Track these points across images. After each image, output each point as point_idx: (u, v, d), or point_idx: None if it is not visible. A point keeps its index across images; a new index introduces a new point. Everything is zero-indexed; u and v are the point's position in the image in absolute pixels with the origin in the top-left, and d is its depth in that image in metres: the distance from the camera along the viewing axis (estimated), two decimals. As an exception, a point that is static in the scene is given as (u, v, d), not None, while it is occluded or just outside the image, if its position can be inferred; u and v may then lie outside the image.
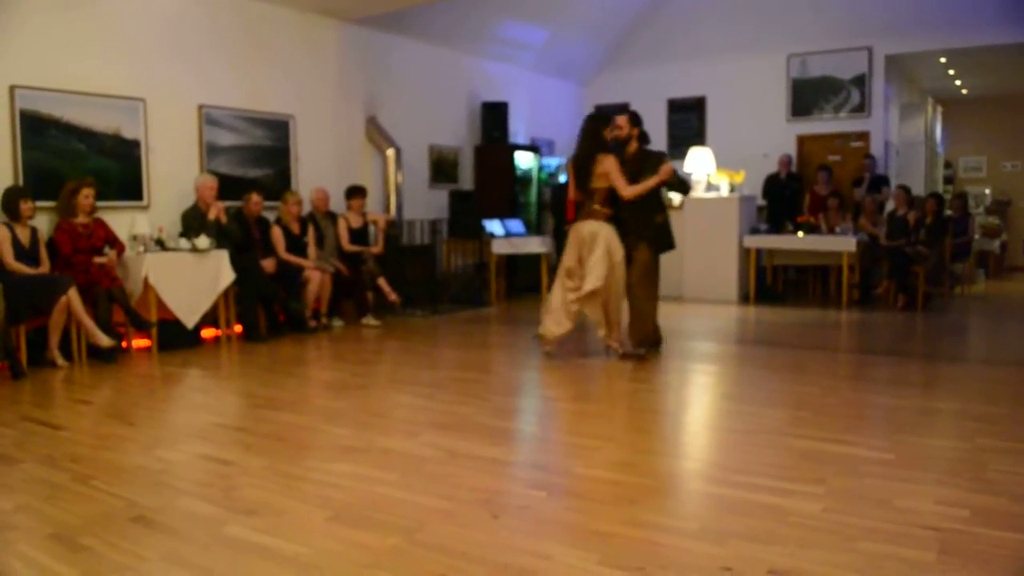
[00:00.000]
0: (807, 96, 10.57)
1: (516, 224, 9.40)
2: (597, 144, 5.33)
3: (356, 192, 7.64)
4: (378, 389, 4.90)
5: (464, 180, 9.93)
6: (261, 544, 2.45)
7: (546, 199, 10.28)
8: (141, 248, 5.96)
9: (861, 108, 10.25)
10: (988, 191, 14.32)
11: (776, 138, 10.55)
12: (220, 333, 6.45)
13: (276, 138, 7.56)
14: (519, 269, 9.78)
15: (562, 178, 9.85)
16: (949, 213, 9.35)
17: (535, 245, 9.27)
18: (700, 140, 10.93)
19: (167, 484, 3.06)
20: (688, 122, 11.38)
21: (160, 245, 6.05)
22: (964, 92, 13.50)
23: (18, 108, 5.62)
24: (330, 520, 2.64)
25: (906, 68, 11.43)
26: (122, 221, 6.09)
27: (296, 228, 7.08)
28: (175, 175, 6.62)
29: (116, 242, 5.89)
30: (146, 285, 5.82)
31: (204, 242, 6.12)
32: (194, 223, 6.32)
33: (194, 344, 6.20)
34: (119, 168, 6.30)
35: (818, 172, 9.83)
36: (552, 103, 11.53)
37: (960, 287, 9.53)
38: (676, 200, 8.69)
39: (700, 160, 9.28)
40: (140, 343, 6.05)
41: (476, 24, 9.49)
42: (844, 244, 8.43)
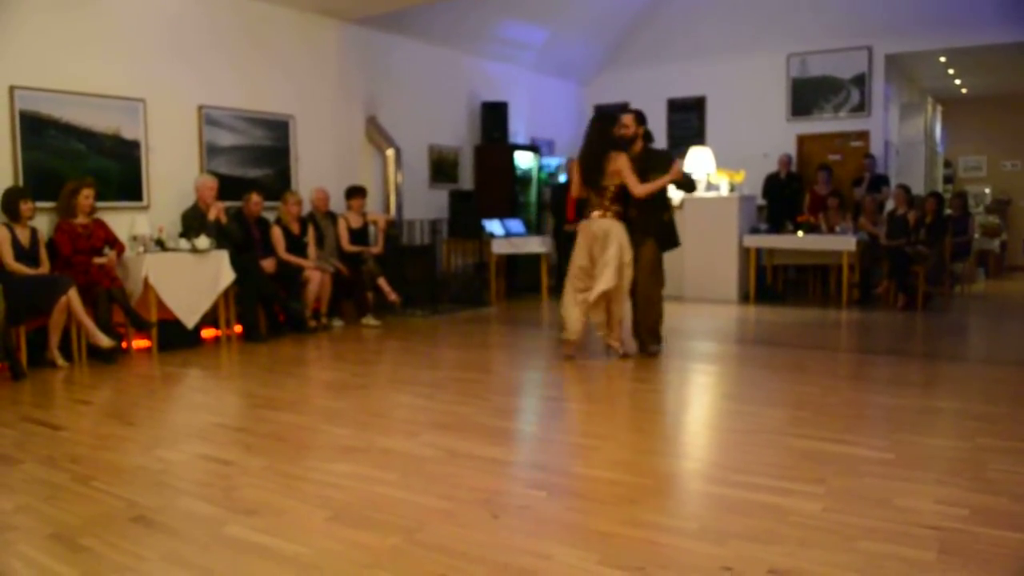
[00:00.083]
0: (807, 96, 10.57)
1: (516, 224, 9.40)
2: (609, 142, 5.34)
3: (356, 192, 7.64)
4: (378, 389, 4.90)
5: (464, 180, 9.94)
6: (261, 544, 2.45)
7: (546, 199, 10.27)
8: (141, 248, 5.96)
9: (861, 108, 10.25)
10: (988, 190, 14.32)
11: (776, 138, 10.55)
12: (220, 333, 6.45)
13: (276, 138, 7.57)
14: (519, 269, 9.78)
15: (562, 178, 9.85)
16: (949, 212, 9.34)
17: (535, 245, 9.27)
18: (700, 140, 10.93)
19: (167, 484, 3.06)
20: (688, 122, 11.39)
21: (160, 245, 6.06)
22: (964, 91, 13.50)
23: (18, 108, 5.63)
24: (330, 520, 2.64)
25: (906, 68, 11.43)
26: (122, 221, 6.09)
27: (296, 228, 7.08)
28: (175, 175, 6.63)
29: (116, 242, 5.89)
30: (146, 285, 5.82)
31: (204, 242, 6.13)
32: (194, 223, 6.32)
33: (194, 344, 6.21)
34: (119, 168, 6.30)
35: (818, 172, 9.82)
36: (552, 103, 11.53)
37: (960, 286, 9.53)
38: (676, 200, 8.68)
39: (700, 160, 9.28)
40: (140, 343, 6.05)
41: (476, 24, 9.49)
42: (844, 244, 8.43)
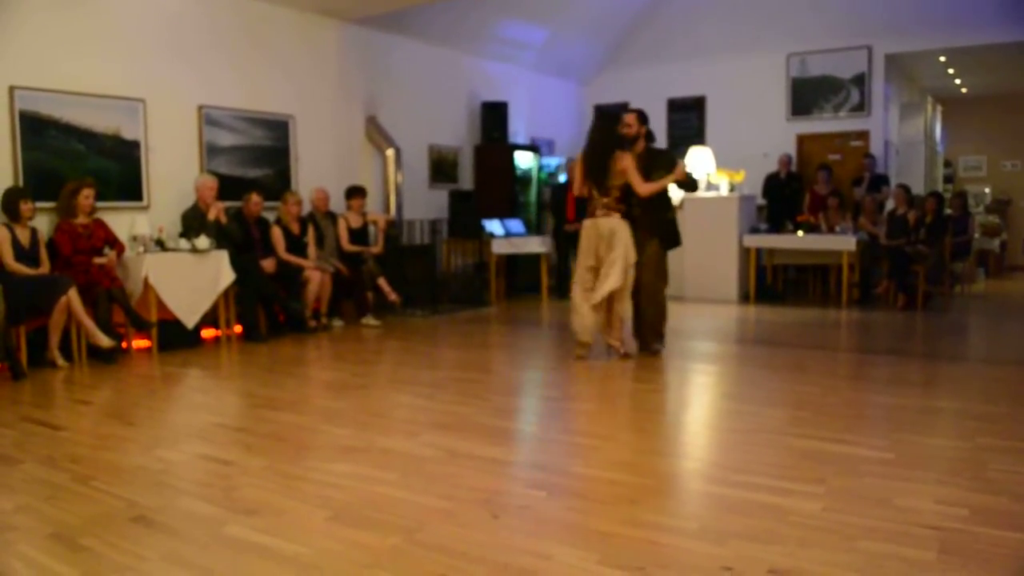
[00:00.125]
0: (807, 95, 10.57)
1: (516, 224, 9.40)
2: (614, 141, 5.35)
3: (356, 192, 7.64)
4: (378, 389, 4.90)
5: (464, 180, 9.94)
6: (261, 544, 2.45)
7: (546, 199, 10.27)
8: (141, 248, 5.96)
9: (861, 107, 10.25)
10: (988, 190, 14.32)
11: (776, 137, 10.55)
12: (220, 333, 6.45)
13: (276, 138, 7.57)
14: (519, 269, 9.78)
15: (562, 178, 9.85)
16: (949, 212, 9.33)
17: (535, 245, 9.27)
18: (700, 140, 10.93)
19: (167, 484, 3.06)
20: (688, 122, 11.38)
21: (160, 245, 6.06)
22: (964, 91, 13.49)
23: (18, 109, 5.63)
24: (330, 520, 2.64)
25: (906, 67, 11.43)
26: (122, 221, 6.09)
27: (296, 228, 7.08)
28: (175, 175, 6.63)
29: (116, 242, 5.89)
30: (146, 285, 5.82)
31: (204, 242, 6.13)
32: (194, 223, 6.32)
33: (194, 344, 6.21)
34: (119, 168, 6.30)
35: (818, 171, 9.82)
36: (552, 103, 11.53)
37: (960, 286, 9.53)
38: (676, 199, 8.68)
39: (700, 160, 9.28)
40: (140, 343, 6.05)
41: (476, 24, 9.49)
42: (844, 243, 8.42)
